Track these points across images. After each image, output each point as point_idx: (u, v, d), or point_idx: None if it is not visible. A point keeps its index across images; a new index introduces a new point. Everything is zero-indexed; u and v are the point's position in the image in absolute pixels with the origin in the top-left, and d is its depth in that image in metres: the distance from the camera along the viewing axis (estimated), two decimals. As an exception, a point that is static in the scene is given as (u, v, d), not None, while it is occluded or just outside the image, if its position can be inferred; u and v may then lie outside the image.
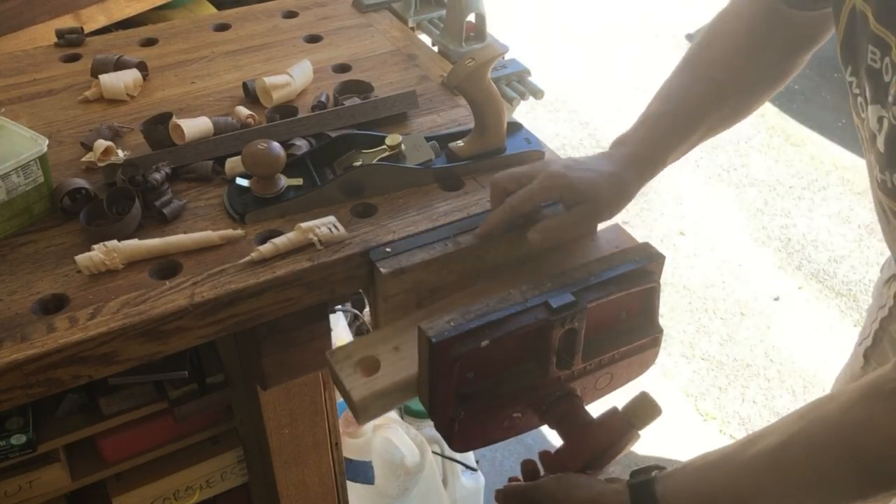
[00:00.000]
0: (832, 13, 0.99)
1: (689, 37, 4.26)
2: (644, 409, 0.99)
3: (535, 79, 1.49)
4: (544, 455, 1.02)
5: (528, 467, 1.03)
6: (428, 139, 1.16)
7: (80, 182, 1.07)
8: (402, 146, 1.13)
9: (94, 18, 1.96)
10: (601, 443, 0.97)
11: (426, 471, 1.72)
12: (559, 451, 1.00)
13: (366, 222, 1.06)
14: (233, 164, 1.13)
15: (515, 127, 1.21)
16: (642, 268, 0.99)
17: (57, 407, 1.07)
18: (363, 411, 0.93)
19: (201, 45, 1.45)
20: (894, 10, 0.86)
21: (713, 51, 1.15)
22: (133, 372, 1.02)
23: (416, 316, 1.02)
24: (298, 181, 1.09)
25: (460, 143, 1.16)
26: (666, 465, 0.95)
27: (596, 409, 1.00)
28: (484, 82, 1.10)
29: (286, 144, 1.16)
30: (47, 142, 1.04)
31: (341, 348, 0.97)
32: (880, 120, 0.92)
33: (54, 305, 0.94)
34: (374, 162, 1.11)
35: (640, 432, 0.99)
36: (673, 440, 2.29)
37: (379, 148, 1.13)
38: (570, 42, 4.23)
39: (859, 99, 0.99)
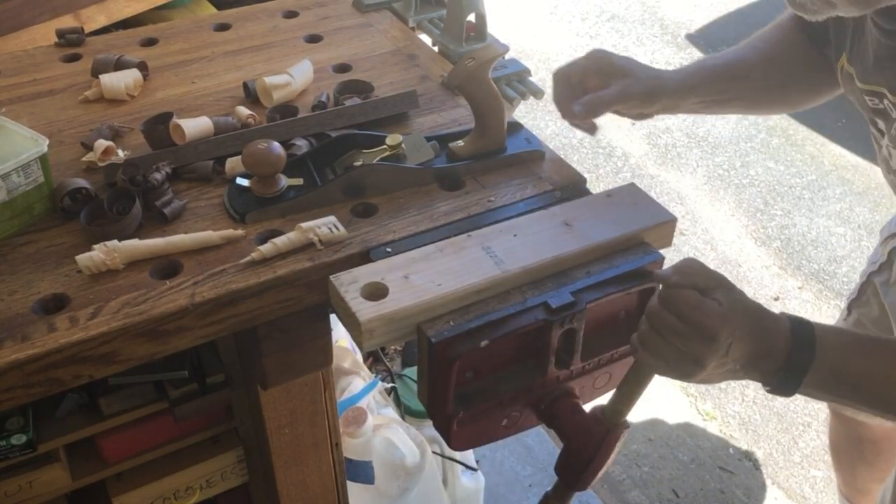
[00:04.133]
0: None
1: (690, 37, 4.25)
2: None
3: (535, 78, 1.49)
4: None
5: None
6: (428, 139, 1.16)
7: (81, 182, 1.07)
8: (403, 146, 1.13)
9: (94, 18, 1.96)
10: (597, 441, 0.97)
11: (426, 471, 1.72)
12: (562, 453, 1.00)
13: (366, 222, 1.06)
14: (233, 164, 1.13)
15: (516, 127, 1.21)
16: (641, 268, 0.99)
17: (57, 407, 1.07)
18: (368, 335, 0.90)
19: (201, 45, 1.45)
20: (869, 72, 1.05)
21: (762, 40, 1.29)
22: (133, 372, 1.02)
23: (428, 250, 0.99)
24: (299, 181, 1.09)
25: (460, 142, 1.16)
26: (664, 467, 0.96)
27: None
28: (484, 82, 1.10)
29: (286, 144, 1.16)
30: (48, 142, 1.04)
31: (346, 273, 0.94)
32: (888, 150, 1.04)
33: (55, 305, 0.94)
34: (374, 162, 1.11)
35: (629, 424, 0.99)
36: (673, 440, 2.29)
37: (379, 148, 1.13)
38: (571, 40, 4.23)
39: (873, 130, 1.12)
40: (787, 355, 0.90)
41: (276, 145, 1.05)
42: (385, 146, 1.13)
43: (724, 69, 1.25)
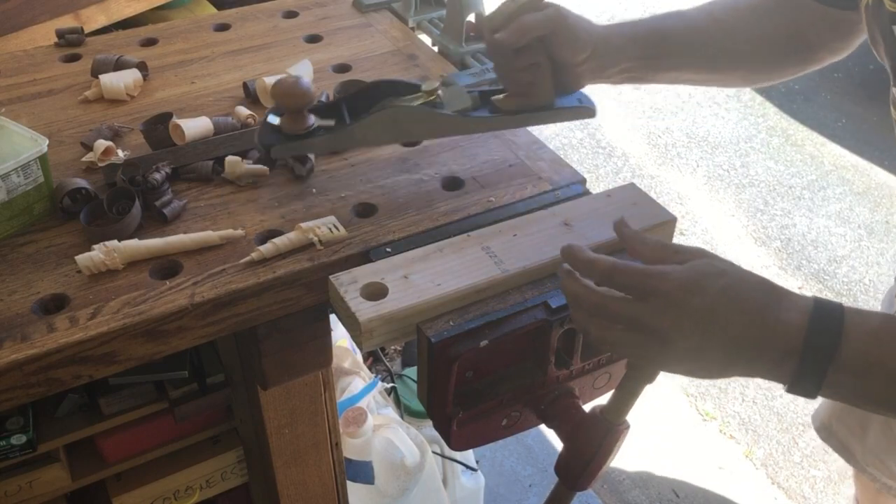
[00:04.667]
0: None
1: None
2: None
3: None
4: None
5: None
6: (469, 92, 1.09)
7: (81, 182, 1.07)
8: (440, 93, 1.07)
9: (94, 18, 1.96)
10: (597, 441, 0.97)
11: (426, 471, 1.72)
12: (561, 453, 1.00)
13: (366, 222, 1.06)
14: (233, 163, 1.13)
15: None
16: (642, 268, 0.99)
17: (57, 407, 1.07)
18: (368, 335, 0.89)
19: (201, 45, 1.45)
20: None
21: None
22: (133, 372, 1.02)
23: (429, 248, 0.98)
24: (330, 123, 1.06)
25: (503, 96, 1.09)
26: (664, 467, 0.94)
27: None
28: None
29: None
30: (47, 142, 1.04)
31: (346, 273, 0.94)
32: None
33: (54, 305, 0.94)
34: (409, 104, 1.06)
35: (629, 424, 0.99)
36: (673, 440, 2.29)
37: (415, 94, 1.08)
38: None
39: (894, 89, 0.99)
40: (804, 338, 0.76)
41: (306, 80, 1.03)
42: (421, 93, 1.07)
43: (675, 29, 1.12)
